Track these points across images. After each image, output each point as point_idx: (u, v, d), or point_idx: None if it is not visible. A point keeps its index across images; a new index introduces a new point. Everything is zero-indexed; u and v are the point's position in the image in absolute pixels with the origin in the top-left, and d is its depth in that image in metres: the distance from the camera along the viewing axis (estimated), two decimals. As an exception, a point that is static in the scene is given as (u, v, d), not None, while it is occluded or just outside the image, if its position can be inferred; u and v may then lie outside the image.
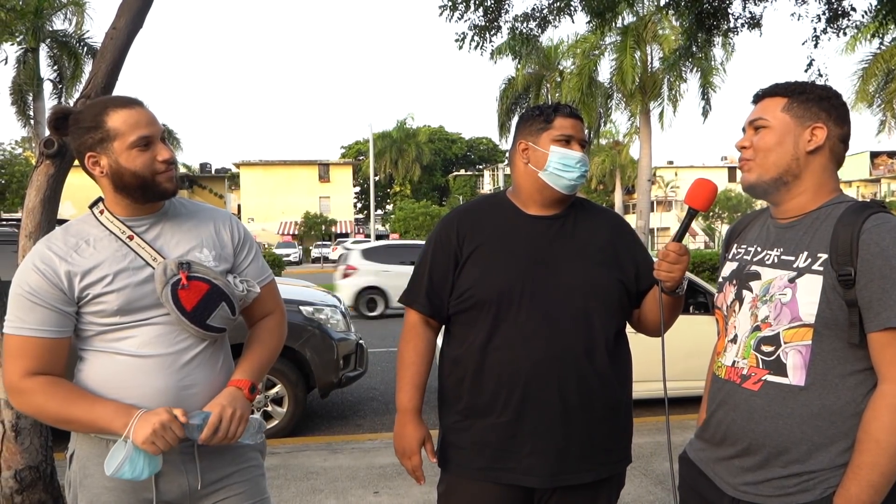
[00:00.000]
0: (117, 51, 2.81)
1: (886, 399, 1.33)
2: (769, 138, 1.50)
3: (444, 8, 6.90)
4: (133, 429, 1.45)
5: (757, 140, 1.52)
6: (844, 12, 6.99)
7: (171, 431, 1.47)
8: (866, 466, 1.33)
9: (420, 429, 1.84)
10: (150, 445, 1.44)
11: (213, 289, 1.60)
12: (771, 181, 1.51)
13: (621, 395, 1.82)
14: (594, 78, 22.21)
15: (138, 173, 1.54)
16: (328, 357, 5.24)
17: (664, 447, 4.76)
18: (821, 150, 1.49)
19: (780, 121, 1.50)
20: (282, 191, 49.76)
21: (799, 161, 1.49)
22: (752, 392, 1.47)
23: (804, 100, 1.50)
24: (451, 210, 2.00)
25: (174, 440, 1.48)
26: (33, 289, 1.50)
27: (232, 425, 1.56)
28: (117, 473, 1.44)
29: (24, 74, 21.94)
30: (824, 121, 1.48)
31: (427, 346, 1.87)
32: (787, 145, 1.49)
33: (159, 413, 1.48)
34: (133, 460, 1.45)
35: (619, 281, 1.81)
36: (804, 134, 1.49)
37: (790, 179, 1.50)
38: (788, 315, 1.43)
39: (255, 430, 1.65)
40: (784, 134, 1.49)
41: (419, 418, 1.85)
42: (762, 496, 1.44)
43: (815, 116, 1.49)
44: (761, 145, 1.51)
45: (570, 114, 1.82)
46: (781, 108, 1.51)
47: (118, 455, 1.45)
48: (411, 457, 1.84)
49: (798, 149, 1.49)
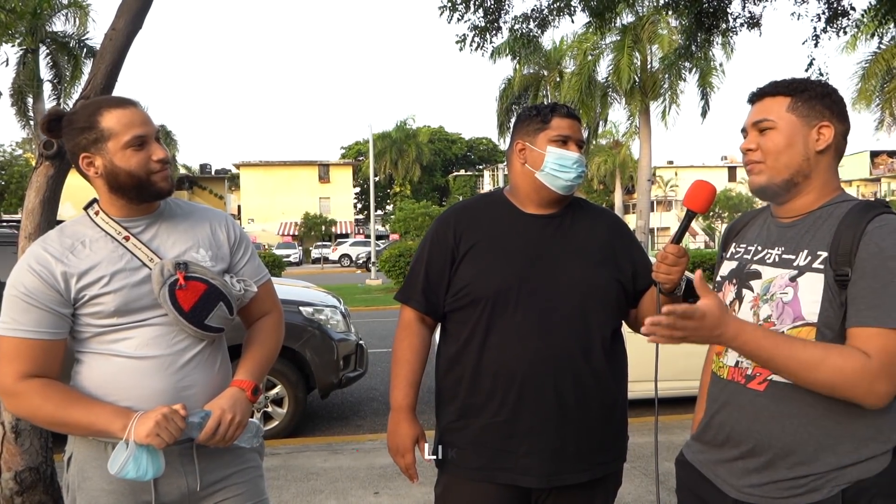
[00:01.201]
0: (116, 52, 2.80)
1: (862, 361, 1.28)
2: (778, 139, 1.47)
3: (444, 9, 6.90)
4: (133, 429, 1.45)
5: (765, 142, 1.49)
6: (844, 11, 6.99)
7: (174, 423, 1.46)
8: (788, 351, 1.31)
9: (414, 427, 1.83)
10: (154, 438, 1.44)
11: (210, 289, 1.60)
12: (783, 183, 1.49)
13: (617, 394, 1.82)
14: (593, 78, 22.22)
15: (133, 173, 1.53)
16: (328, 357, 5.24)
17: (664, 447, 4.76)
18: (829, 149, 1.48)
19: (787, 121, 1.47)
20: (282, 191, 49.73)
21: (809, 161, 1.47)
22: (757, 392, 1.45)
23: (807, 98, 1.47)
24: (448, 208, 2.00)
25: (177, 431, 1.47)
26: (29, 290, 1.49)
27: (230, 430, 1.55)
28: (121, 473, 1.44)
29: (23, 75, 21.97)
30: (829, 118, 1.47)
31: (422, 344, 1.87)
32: (798, 146, 1.47)
33: (159, 409, 1.47)
34: (137, 459, 1.44)
35: (617, 280, 1.81)
36: (811, 133, 1.47)
37: (801, 180, 1.48)
38: (791, 314, 1.41)
39: (253, 434, 1.65)
40: (793, 135, 1.47)
41: (413, 416, 1.84)
42: (767, 498, 1.42)
43: (819, 115, 1.47)
44: (771, 147, 1.48)
45: (567, 114, 1.82)
46: (786, 107, 1.48)
47: (121, 455, 1.44)
48: (405, 455, 1.83)
49: (808, 149, 1.47)
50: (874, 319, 1.30)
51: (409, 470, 1.85)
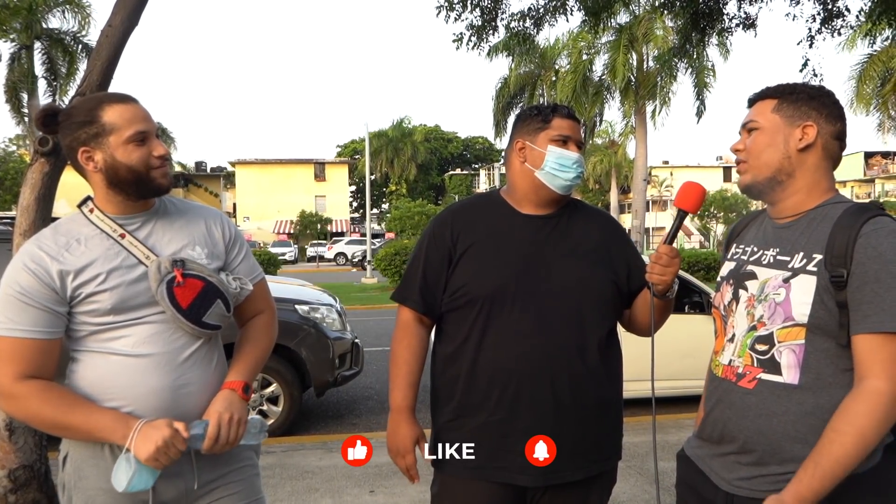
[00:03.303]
0: (112, 48, 2.79)
1: (878, 396, 1.31)
2: (760, 139, 1.53)
3: (441, 8, 6.90)
4: (134, 442, 1.44)
5: (750, 142, 1.55)
6: (839, 12, 7.01)
7: (174, 447, 1.46)
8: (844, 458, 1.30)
9: (414, 428, 1.83)
10: (153, 462, 1.44)
11: (208, 286, 1.59)
12: (766, 181, 1.53)
13: (612, 393, 1.84)
14: (589, 77, 22.26)
15: (134, 168, 1.53)
16: (324, 356, 5.23)
17: (660, 446, 4.75)
18: (812, 148, 1.50)
19: (771, 121, 1.52)
20: (277, 190, 49.67)
21: (791, 159, 1.50)
22: (747, 390, 1.48)
23: (794, 100, 1.52)
24: (444, 208, 2.00)
25: (178, 455, 1.47)
26: (24, 289, 1.48)
27: (231, 430, 1.55)
28: (128, 489, 1.44)
29: (18, 72, 21.89)
30: (814, 119, 1.50)
31: (420, 344, 1.87)
32: (779, 144, 1.51)
33: (160, 427, 1.46)
34: (140, 473, 1.45)
35: (612, 281, 1.82)
36: (795, 132, 1.50)
37: (784, 178, 1.51)
38: (782, 315, 1.44)
39: (258, 430, 1.65)
40: (774, 134, 1.51)
41: (413, 417, 1.84)
42: (757, 491, 1.44)
43: (804, 115, 1.50)
44: (753, 147, 1.54)
45: (567, 115, 1.83)
46: (772, 109, 1.53)
47: (123, 471, 1.44)
48: (405, 455, 1.83)
49: (789, 147, 1.50)
50: (879, 324, 1.32)
51: (411, 471, 1.85)
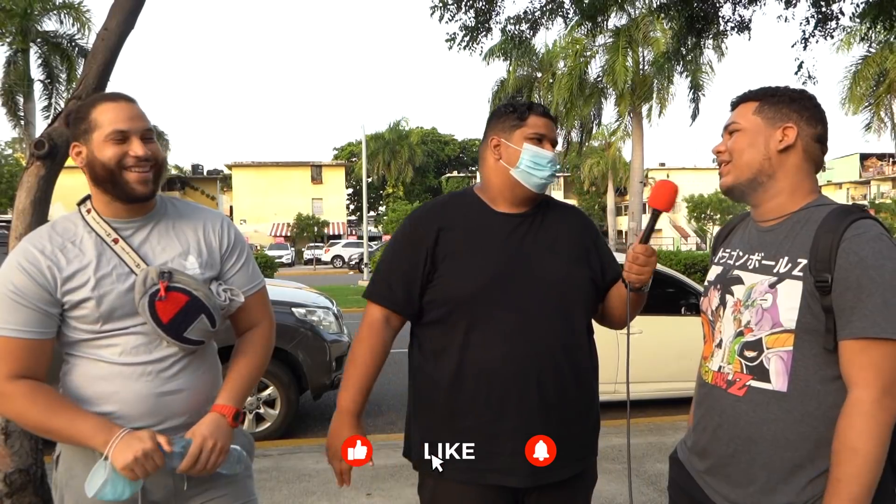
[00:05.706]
0: (109, 51, 2.79)
1: (860, 406, 1.31)
2: (741, 140, 1.54)
3: (436, 9, 6.92)
4: (113, 450, 1.43)
5: (731, 143, 1.56)
6: (833, 15, 7.04)
7: (152, 460, 1.45)
8: (846, 478, 1.30)
9: (356, 432, 1.78)
10: (128, 472, 1.43)
11: (192, 301, 1.58)
12: (746, 182, 1.54)
13: (594, 389, 1.84)
14: (585, 79, 22.29)
15: (106, 165, 1.53)
16: (320, 359, 5.23)
17: (656, 448, 4.78)
18: (792, 149, 1.51)
19: (752, 123, 1.53)
20: (274, 192, 49.59)
21: (771, 161, 1.51)
22: (737, 398, 1.48)
23: (774, 102, 1.53)
24: (419, 206, 1.97)
25: (153, 469, 1.46)
26: (18, 289, 1.48)
27: (212, 458, 1.54)
28: (98, 495, 1.43)
29: (14, 75, 21.83)
30: (795, 121, 1.51)
31: (382, 348, 1.82)
32: (759, 146, 1.52)
33: (143, 439, 1.45)
34: (114, 482, 1.43)
35: (590, 278, 1.82)
36: (775, 134, 1.51)
37: (765, 180, 1.52)
38: (770, 321, 1.43)
39: (235, 461, 1.63)
40: (755, 135, 1.52)
41: (358, 421, 1.80)
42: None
43: (785, 117, 1.51)
44: (734, 148, 1.55)
45: (543, 113, 1.82)
46: (753, 111, 1.54)
47: (98, 477, 1.44)
48: (342, 460, 1.77)
49: (769, 148, 1.51)
50: (861, 330, 1.33)
51: (345, 475, 1.80)
